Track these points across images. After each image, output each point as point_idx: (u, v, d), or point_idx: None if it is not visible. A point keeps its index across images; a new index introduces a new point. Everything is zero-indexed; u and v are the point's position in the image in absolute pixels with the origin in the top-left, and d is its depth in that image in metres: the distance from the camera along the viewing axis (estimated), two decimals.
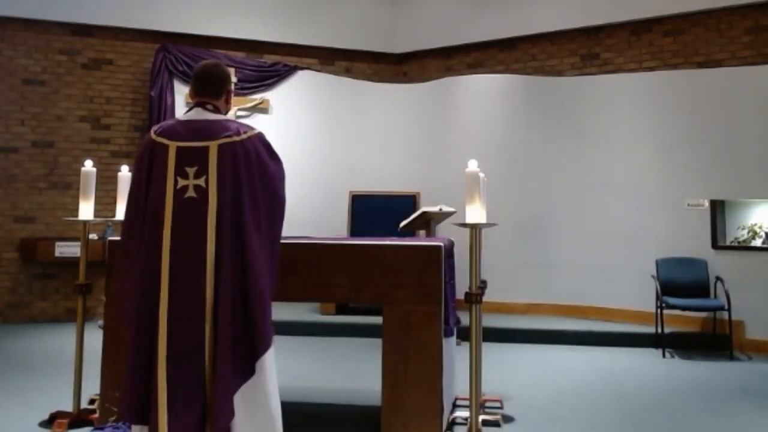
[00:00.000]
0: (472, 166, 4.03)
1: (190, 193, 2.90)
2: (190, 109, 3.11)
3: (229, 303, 2.79)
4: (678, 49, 8.06)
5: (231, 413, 2.73)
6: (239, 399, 2.77)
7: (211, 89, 3.13)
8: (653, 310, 6.86)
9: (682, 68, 7.89)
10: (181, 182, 2.91)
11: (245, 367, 2.81)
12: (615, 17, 8.36)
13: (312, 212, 8.42)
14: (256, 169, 2.98)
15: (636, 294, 7.42)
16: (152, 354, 2.78)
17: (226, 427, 2.74)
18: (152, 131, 3.07)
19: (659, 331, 6.71)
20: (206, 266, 2.82)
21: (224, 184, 2.90)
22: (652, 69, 8.09)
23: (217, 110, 3.11)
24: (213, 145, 2.96)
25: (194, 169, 2.93)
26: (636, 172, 7.76)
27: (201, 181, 2.91)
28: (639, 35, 8.32)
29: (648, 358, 6.47)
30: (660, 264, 7.14)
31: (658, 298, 6.75)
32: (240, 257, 2.85)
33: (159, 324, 2.78)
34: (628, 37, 8.39)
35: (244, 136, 2.99)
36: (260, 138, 3.06)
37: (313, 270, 3.92)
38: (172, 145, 2.98)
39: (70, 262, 7.84)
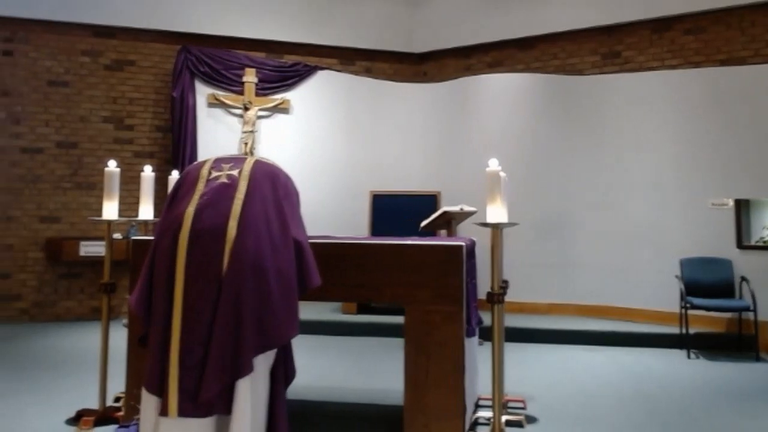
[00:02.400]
0: (493, 165, 4.02)
1: (222, 179, 3.11)
2: None
3: (250, 287, 2.93)
4: (700, 47, 7.98)
5: (213, 388, 2.86)
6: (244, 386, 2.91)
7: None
8: (677, 310, 6.79)
9: (704, 66, 7.81)
10: (215, 173, 3.14)
11: (238, 358, 2.92)
12: (636, 15, 8.30)
13: (333, 212, 8.46)
14: (283, 189, 3.21)
15: (659, 294, 7.36)
16: (166, 332, 2.95)
17: (211, 399, 2.89)
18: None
19: (683, 331, 6.65)
20: (225, 246, 2.95)
21: (257, 180, 3.12)
22: (673, 67, 8.02)
23: None
24: (251, 159, 3.25)
25: (230, 164, 3.17)
26: (658, 171, 7.70)
27: (234, 172, 3.12)
28: (660, 33, 8.25)
29: (672, 359, 6.41)
30: (684, 264, 7.07)
31: (682, 298, 6.69)
32: (269, 245, 3.01)
33: (174, 301, 2.94)
34: (649, 35, 8.32)
35: (279, 166, 3.32)
36: (290, 179, 3.34)
37: (335, 270, 3.93)
38: (211, 158, 3.29)
39: (95, 262, 7.95)
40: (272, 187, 3.16)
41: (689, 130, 7.57)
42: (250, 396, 2.95)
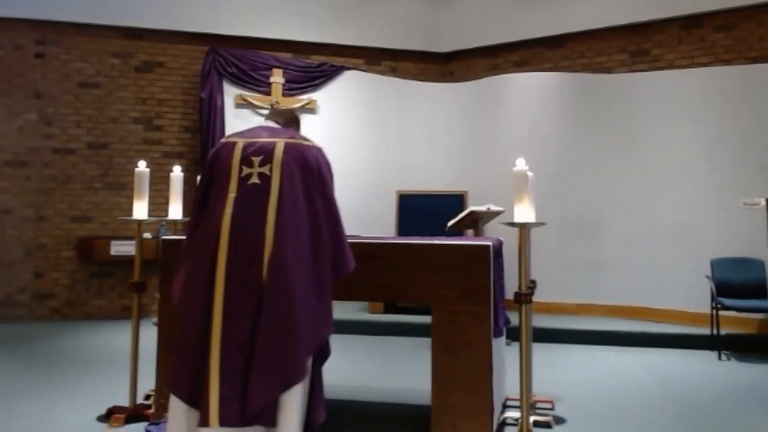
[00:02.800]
0: (520, 164, 4.00)
1: (254, 180, 3.02)
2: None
3: (289, 291, 2.89)
4: (731, 44, 7.87)
5: (263, 399, 2.81)
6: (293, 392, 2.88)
7: (281, 115, 3.50)
8: (707, 311, 6.70)
9: (735, 64, 7.69)
10: (246, 170, 3.05)
11: (292, 361, 2.90)
12: (665, 12, 8.20)
13: (359, 212, 8.45)
14: (316, 174, 3.13)
15: (689, 294, 7.27)
16: (204, 338, 2.88)
17: (260, 411, 2.82)
18: (223, 138, 3.30)
19: (714, 332, 6.56)
20: (264, 252, 2.92)
21: (288, 174, 3.04)
22: (704, 65, 7.92)
23: (284, 127, 3.39)
24: (280, 141, 3.12)
25: (259, 158, 3.06)
26: (688, 170, 7.60)
27: (265, 169, 3.04)
28: (690, 31, 8.14)
29: (703, 361, 6.32)
30: (715, 264, 6.97)
31: (713, 299, 6.59)
32: (307, 244, 2.99)
33: (214, 307, 2.88)
34: (678, 32, 8.22)
35: (309, 143, 3.21)
36: (322, 151, 3.27)
37: (361, 269, 3.92)
38: (240, 141, 3.15)
39: (125, 261, 8.05)
40: (303, 177, 3.08)
41: (719, 128, 7.46)
42: (298, 405, 2.93)
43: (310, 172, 3.11)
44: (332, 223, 3.15)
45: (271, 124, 3.39)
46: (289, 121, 3.49)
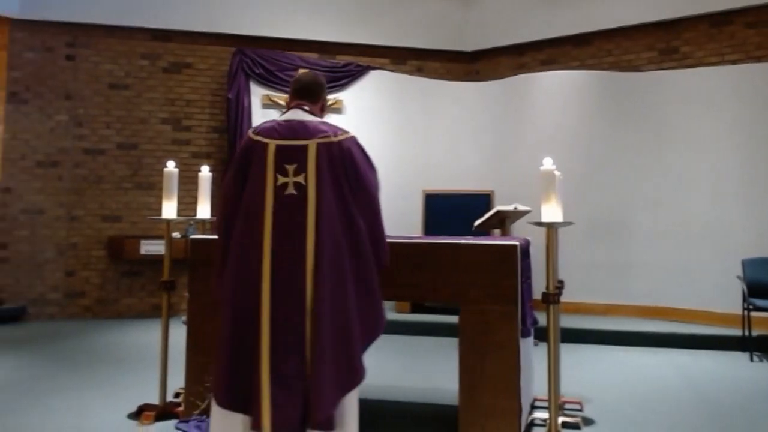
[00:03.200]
0: (548, 164, 3.97)
1: (290, 190, 3.00)
2: (287, 112, 3.23)
3: (335, 298, 2.90)
4: (762, 40, 7.73)
5: (332, 404, 2.84)
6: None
7: (308, 94, 3.29)
8: (739, 312, 6.60)
9: (766, 61, 7.57)
10: (281, 179, 3.01)
11: (351, 362, 2.94)
12: (694, 9, 8.09)
13: (385, 211, 8.31)
14: (351, 171, 3.08)
15: (720, 295, 7.17)
16: (252, 347, 2.89)
17: (326, 418, 2.83)
18: (251, 131, 3.18)
19: (746, 333, 6.46)
20: (306, 262, 2.92)
21: (323, 181, 3.00)
22: (734, 62, 7.80)
23: (312, 113, 3.24)
24: (312, 144, 3.06)
25: (293, 166, 3.02)
26: (718, 169, 7.50)
27: (300, 179, 3.00)
28: (720, 27, 8.02)
29: (734, 362, 6.24)
30: (746, 264, 6.85)
31: (744, 299, 6.49)
32: (346, 250, 2.98)
33: (261, 319, 2.88)
34: (708, 29, 8.10)
35: (340, 137, 3.12)
36: (355, 140, 3.19)
37: (388, 269, 3.94)
38: (271, 144, 3.08)
39: (155, 260, 8.14)
40: (337, 178, 3.04)
41: (750, 126, 7.35)
42: (356, 408, 2.99)
43: (343, 170, 3.06)
44: (371, 216, 3.13)
45: (300, 114, 3.21)
46: (316, 95, 3.34)
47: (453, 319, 4.03)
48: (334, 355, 2.88)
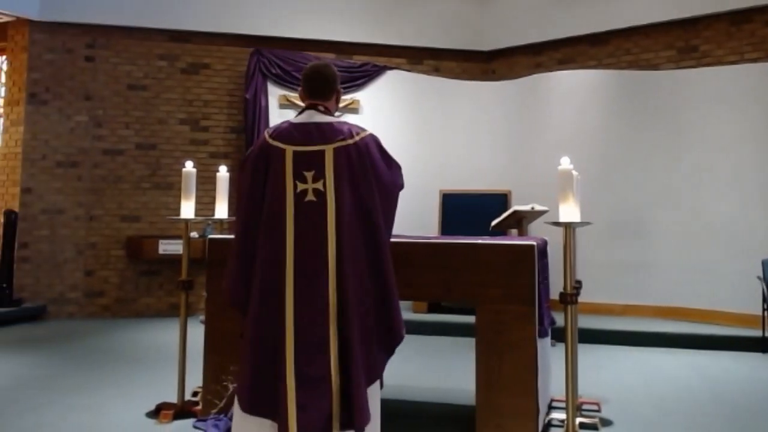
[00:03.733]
0: (565, 163, 3.95)
1: (310, 197, 2.96)
2: (302, 112, 3.17)
3: (357, 302, 2.90)
4: None
5: (368, 411, 2.85)
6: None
7: (321, 91, 3.18)
8: (758, 312, 6.54)
9: None
10: (300, 186, 2.98)
11: (375, 365, 2.95)
12: (713, 7, 8.02)
13: (402, 211, 8.31)
14: (370, 171, 3.04)
15: (740, 296, 7.09)
16: (276, 352, 2.88)
17: (364, 425, 2.84)
18: (267, 134, 3.12)
19: (765, 334, 6.40)
20: (329, 268, 2.90)
21: (341, 186, 2.97)
22: (754, 61, 7.71)
23: (327, 111, 3.16)
24: (329, 149, 3.01)
25: (312, 173, 2.98)
26: (738, 169, 7.42)
27: (319, 185, 2.97)
28: (739, 26, 7.94)
29: (753, 363, 6.17)
30: (766, 265, 6.79)
31: (764, 300, 6.43)
32: (365, 256, 2.96)
33: (285, 324, 2.88)
34: (727, 27, 8.03)
35: (357, 138, 3.06)
36: (373, 139, 3.13)
37: (405, 269, 3.93)
38: (288, 150, 3.03)
39: (173, 259, 8.20)
40: (354, 180, 3.01)
41: None
42: (378, 411, 3.00)
43: (362, 172, 3.02)
44: (388, 210, 3.13)
45: (316, 116, 3.12)
46: (329, 91, 3.20)
47: (470, 319, 4.02)
48: (363, 356, 2.89)
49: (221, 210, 4.90)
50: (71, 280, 8.46)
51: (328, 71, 3.23)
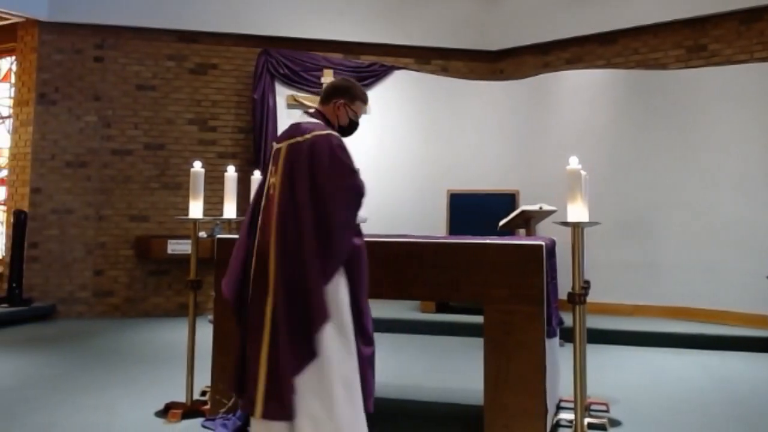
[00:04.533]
0: (573, 163, 3.95)
1: (271, 190, 3.24)
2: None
3: (282, 286, 3.08)
4: None
5: (289, 391, 2.99)
6: (302, 381, 3.02)
7: (322, 97, 3.48)
8: (767, 313, 6.50)
9: None
10: (270, 180, 3.28)
11: (303, 348, 3.04)
12: (722, 6, 7.97)
13: (410, 210, 8.49)
14: (306, 168, 3.15)
15: (749, 296, 7.06)
16: (243, 334, 3.29)
17: (284, 404, 2.99)
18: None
19: None
20: (270, 254, 3.13)
21: (284, 181, 3.18)
22: (763, 60, 7.67)
23: (319, 114, 3.40)
24: (284, 146, 3.26)
25: (273, 168, 3.27)
26: (747, 169, 7.38)
27: (275, 179, 3.23)
28: (749, 24, 7.90)
29: (762, 363, 6.14)
30: None
31: None
32: (292, 245, 3.11)
33: (248, 312, 3.23)
34: (737, 26, 7.99)
35: (308, 136, 3.21)
36: (327, 139, 3.20)
37: (412, 268, 3.95)
38: (275, 148, 3.35)
39: (181, 259, 8.22)
40: (292, 173, 3.16)
41: None
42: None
43: (299, 166, 3.15)
44: (323, 211, 3.12)
45: (306, 117, 3.39)
46: (327, 97, 3.45)
47: (478, 319, 4.02)
48: (288, 337, 3.03)
49: (229, 210, 4.91)
50: (80, 279, 8.50)
51: (336, 83, 3.59)
